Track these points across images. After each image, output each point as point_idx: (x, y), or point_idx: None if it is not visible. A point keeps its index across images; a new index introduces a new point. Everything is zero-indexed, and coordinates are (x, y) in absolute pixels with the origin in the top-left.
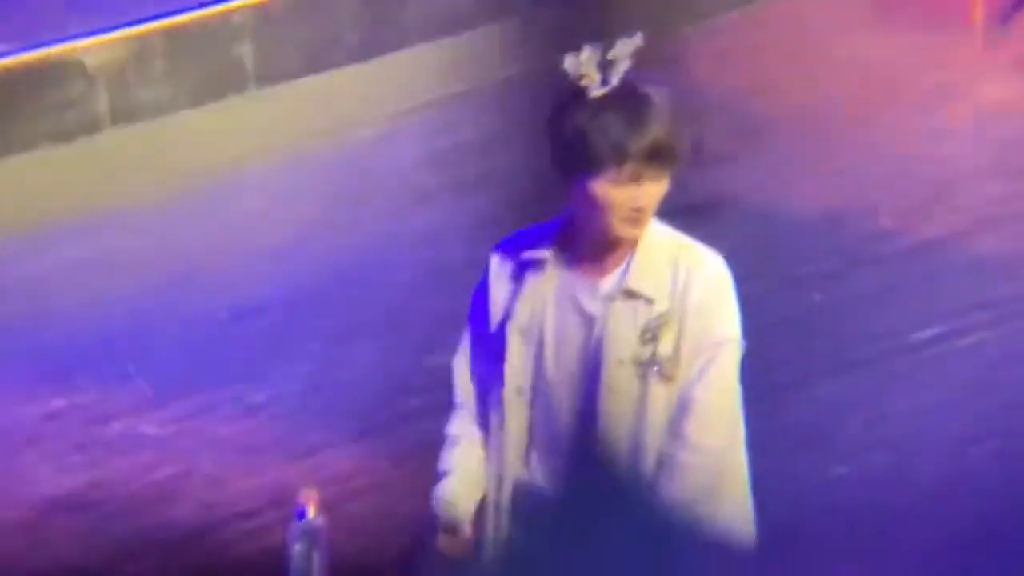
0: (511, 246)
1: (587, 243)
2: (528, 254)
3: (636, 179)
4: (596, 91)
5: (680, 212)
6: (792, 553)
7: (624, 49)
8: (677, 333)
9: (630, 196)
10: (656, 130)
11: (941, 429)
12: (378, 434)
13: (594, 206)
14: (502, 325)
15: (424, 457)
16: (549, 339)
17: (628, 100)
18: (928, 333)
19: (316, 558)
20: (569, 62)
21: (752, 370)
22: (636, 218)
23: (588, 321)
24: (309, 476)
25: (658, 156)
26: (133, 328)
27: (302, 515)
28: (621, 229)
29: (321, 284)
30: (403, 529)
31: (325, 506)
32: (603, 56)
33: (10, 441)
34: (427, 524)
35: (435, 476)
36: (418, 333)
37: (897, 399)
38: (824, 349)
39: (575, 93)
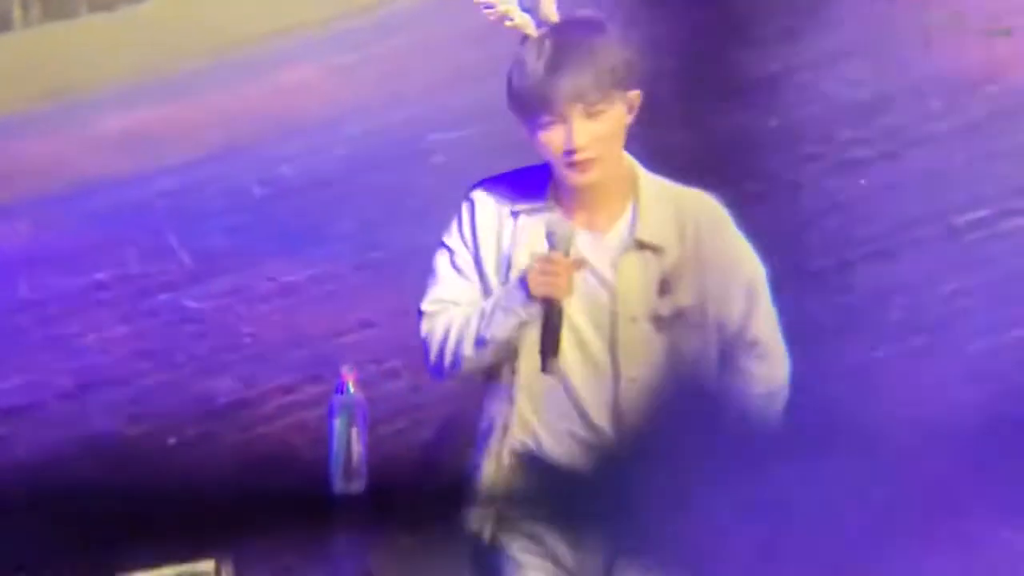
0: (500, 189)
1: (570, 192)
2: (524, 202)
3: (564, 120)
4: (531, 32)
5: (733, 90)
6: (832, 436)
7: None
8: (699, 282)
9: (560, 139)
10: (572, 67)
11: (982, 313)
12: (415, 315)
13: (545, 156)
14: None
15: None
16: None
17: (545, 38)
18: (972, 216)
19: (355, 433)
20: (484, 5)
21: (796, 254)
22: (573, 163)
23: (596, 276)
24: (347, 354)
25: (578, 94)
26: (175, 201)
27: (342, 390)
28: (567, 176)
29: (360, 162)
30: (439, 410)
31: (362, 385)
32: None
33: (56, 311)
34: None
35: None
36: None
37: (939, 283)
38: (868, 233)
39: (521, 39)
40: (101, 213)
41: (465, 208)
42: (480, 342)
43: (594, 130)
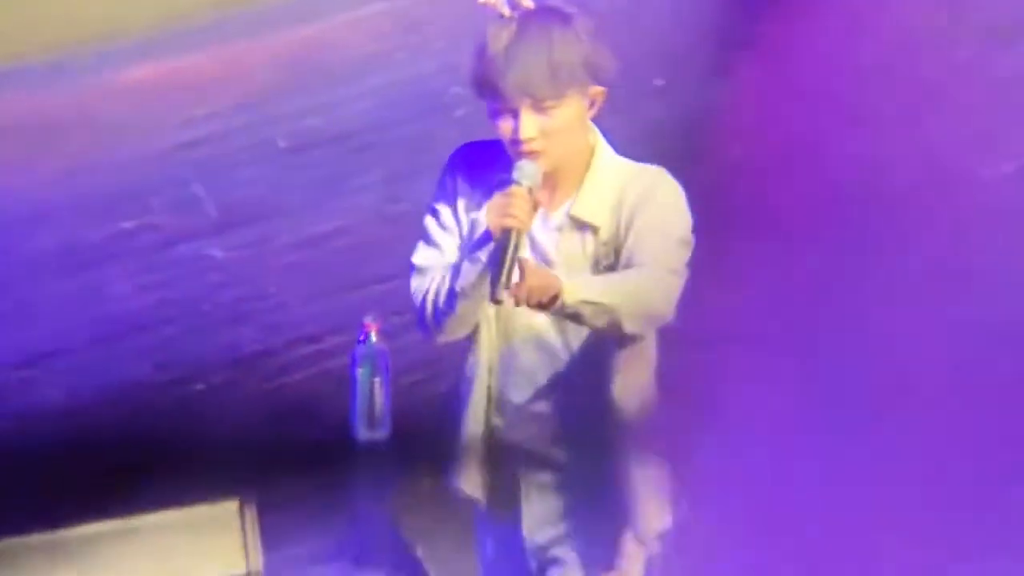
0: (477, 158)
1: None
2: (498, 174)
3: (512, 111)
4: (505, 11)
5: None
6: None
7: None
8: (627, 258)
9: (509, 128)
10: (523, 61)
11: None
12: None
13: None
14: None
15: None
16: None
17: (504, 29)
18: None
19: (378, 382)
20: None
21: None
22: (522, 152)
23: (539, 253)
24: (371, 305)
25: (527, 88)
26: (200, 152)
27: (365, 340)
28: (518, 163)
29: (384, 115)
30: (459, 360)
31: (385, 336)
32: None
33: (83, 260)
34: None
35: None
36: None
37: None
38: None
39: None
40: (128, 163)
41: (447, 172)
42: (451, 295)
43: (543, 124)
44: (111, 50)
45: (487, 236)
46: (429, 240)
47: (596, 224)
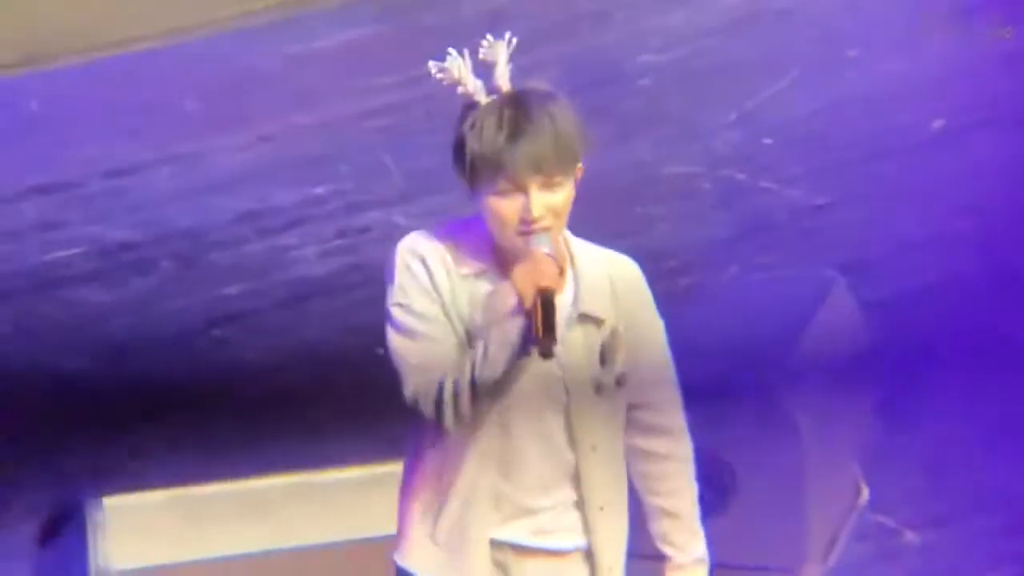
0: (443, 245)
1: (514, 260)
2: (471, 264)
3: (522, 190)
4: (482, 99)
5: None
6: None
7: (494, 51)
8: (630, 350)
9: (518, 207)
10: (533, 137)
11: None
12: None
13: (491, 220)
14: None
15: (652, 263)
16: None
17: (505, 107)
18: None
19: None
20: (436, 68)
21: None
22: (529, 232)
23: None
24: None
25: (538, 165)
26: (388, 119)
27: None
28: (521, 244)
29: (568, 82)
30: None
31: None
32: (475, 60)
33: (274, 224)
34: None
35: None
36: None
37: None
38: None
39: (467, 104)
40: (319, 129)
41: (412, 261)
42: (478, 385)
43: (549, 202)
44: (307, 18)
45: (518, 308)
46: (414, 335)
47: (603, 318)
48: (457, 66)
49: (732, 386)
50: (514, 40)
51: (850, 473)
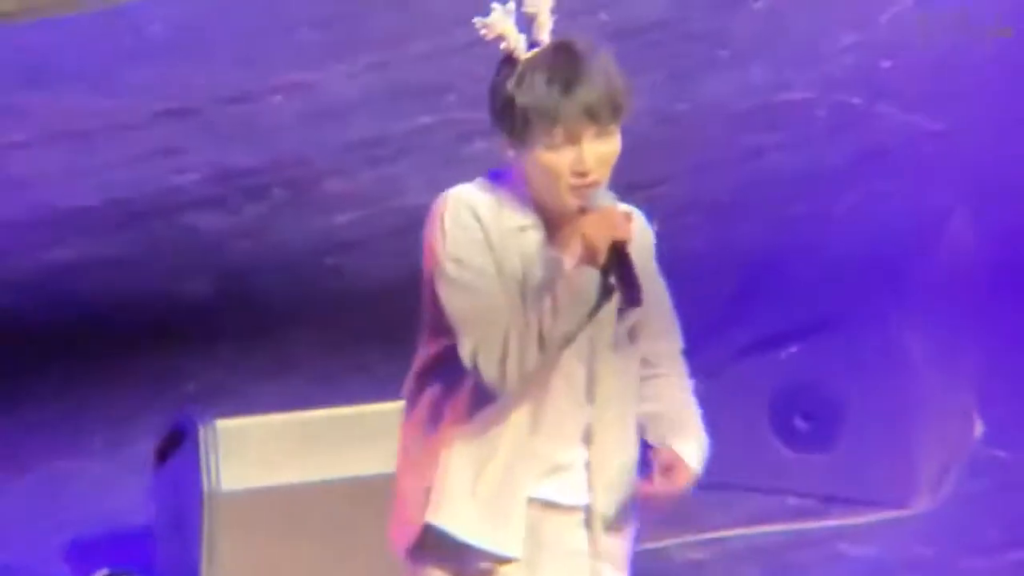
0: (488, 199)
1: (553, 215)
2: (519, 218)
3: (574, 141)
4: (523, 53)
5: None
6: None
7: (538, 3)
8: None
9: (571, 159)
10: (587, 87)
11: None
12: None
13: (541, 176)
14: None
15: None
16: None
17: (555, 58)
18: None
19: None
20: (480, 24)
21: None
22: (582, 184)
23: (575, 290)
24: (649, 208)
25: (593, 114)
26: (493, 47)
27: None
28: (567, 198)
29: (677, 10)
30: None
31: (663, 238)
32: (518, 11)
33: (384, 152)
34: None
35: None
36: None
37: None
38: None
39: (505, 59)
40: (426, 58)
41: (465, 214)
42: (544, 341)
43: (601, 152)
44: None
45: (590, 260)
46: (471, 291)
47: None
48: (501, 19)
49: (848, 316)
50: None
51: (965, 405)
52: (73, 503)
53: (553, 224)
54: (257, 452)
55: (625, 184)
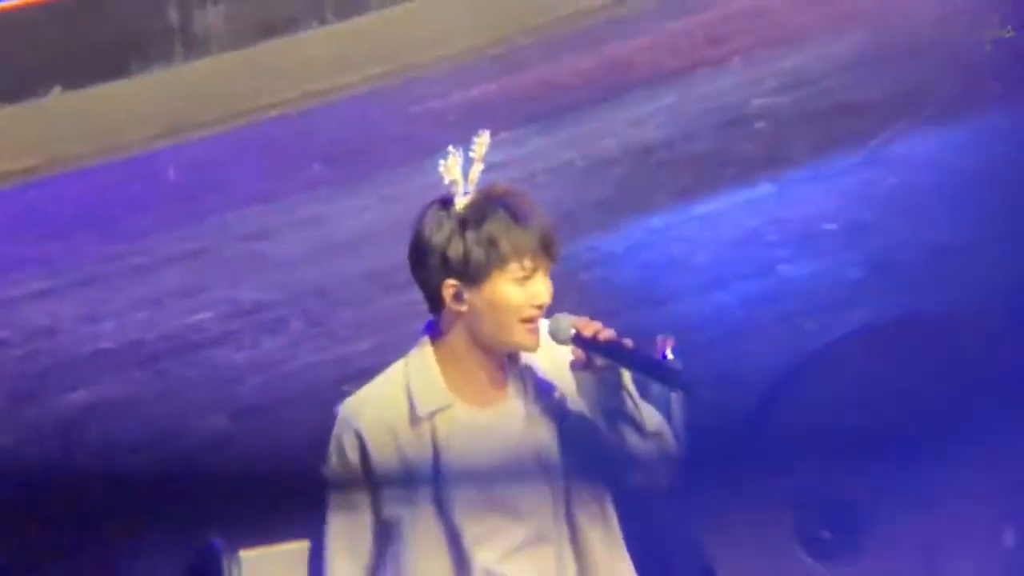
0: (381, 402)
1: (479, 371)
2: (430, 406)
3: (531, 274)
4: (460, 199)
5: None
6: None
7: (481, 148)
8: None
9: (530, 293)
10: (542, 223)
11: None
12: (730, 286)
13: (495, 312)
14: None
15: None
16: (490, 481)
17: (503, 199)
18: None
19: (675, 400)
20: (443, 167)
21: None
22: (536, 317)
23: (516, 447)
24: (662, 324)
25: (548, 249)
26: (502, 173)
27: (662, 358)
28: (523, 337)
29: (680, 131)
30: (757, 377)
31: (680, 353)
32: (466, 157)
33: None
34: None
35: None
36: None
37: None
38: None
39: (437, 208)
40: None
41: (344, 437)
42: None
43: (549, 287)
44: (421, 79)
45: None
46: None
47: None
48: (455, 165)
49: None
50: (488, 140)
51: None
52: None
53: (487, 379)
54: None
55: (642, 300)
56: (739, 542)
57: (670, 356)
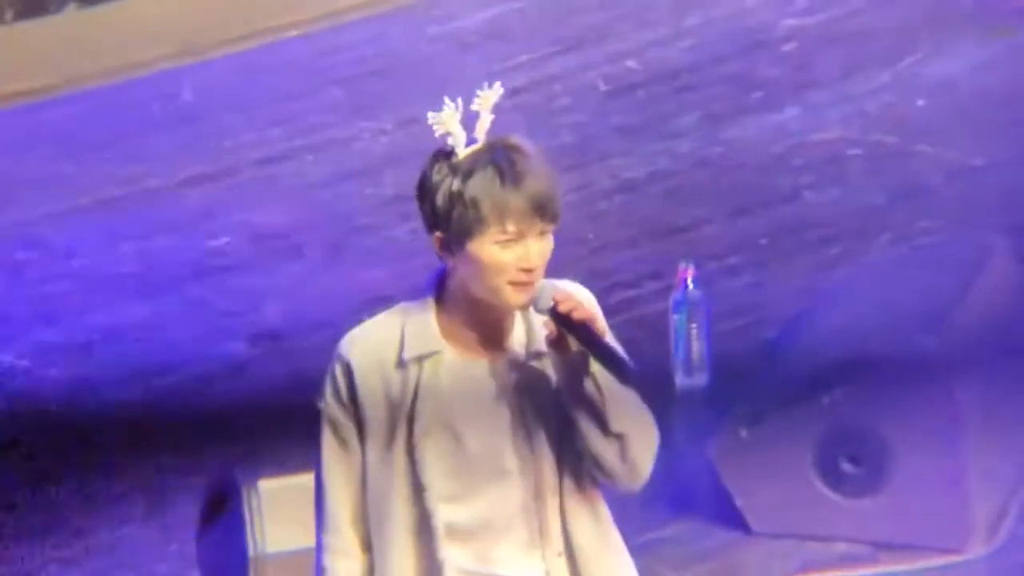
0: (374, 341)
1: (476, 321)
2: (418, 350)
3: (520, 237)
4: (462, 150)
5: None
6: None
7: (487, 100)
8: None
9: (517, 255)
10: (535, 183)
11: None
12: (755, 212)
13: (481, 272)
14: (390, 434)
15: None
16: (468, 434)
17: (502, 154)
18: None
19: (696, 328)
20: (434, 119)
21: None
22: (526, 281)
23: (506, 403)
24: (687, 250)
25: (541, 210)
26: (523, 98)
27: (683, 285)
28: (512, 296)
29: (706, 53)
30: (781, 307)
31: (702, 281)
32: (466, 109)
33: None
34: None
35: None
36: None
37: None
38: None
39: (440, 155)
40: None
41: (337, 368)
42: None
43: (542, 250)
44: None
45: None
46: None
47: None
48: (451, 117)
49: (888, 360)
50: (501, 90)
51: (1018, 448)
52: (117, 569)
53: (476, 327)
54: (301, 512)
55: (664, 228)
56: (757, 470)
57: (691, 286)
